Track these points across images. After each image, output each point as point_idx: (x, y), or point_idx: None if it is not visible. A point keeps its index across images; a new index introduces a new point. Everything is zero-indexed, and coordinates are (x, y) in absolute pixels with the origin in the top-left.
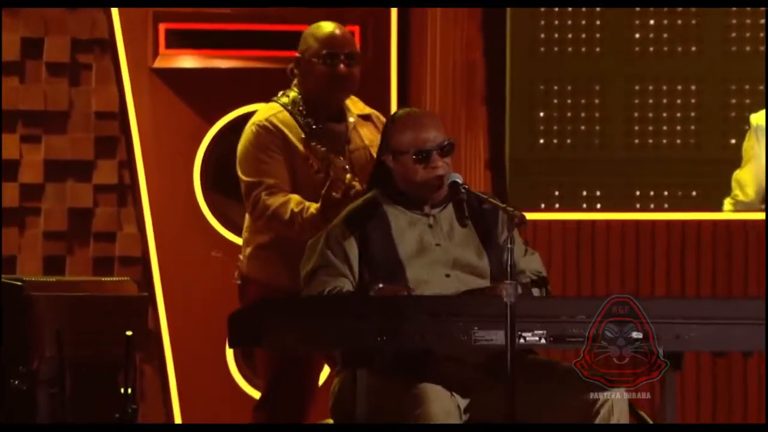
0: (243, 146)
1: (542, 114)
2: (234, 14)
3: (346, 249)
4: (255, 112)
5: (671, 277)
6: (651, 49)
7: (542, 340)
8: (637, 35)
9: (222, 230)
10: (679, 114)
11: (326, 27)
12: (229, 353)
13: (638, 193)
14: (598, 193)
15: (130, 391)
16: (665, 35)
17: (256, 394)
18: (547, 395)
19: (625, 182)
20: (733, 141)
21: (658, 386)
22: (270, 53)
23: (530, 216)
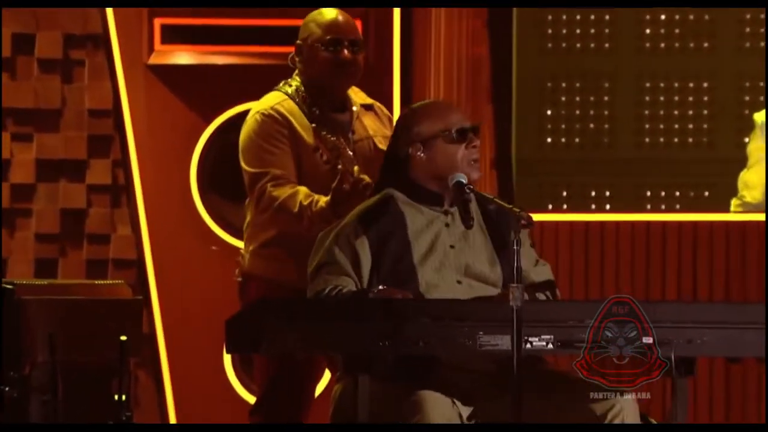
0: (246, 135)
1: (550, 112)
2: (232, 8)
3: (357, 248)
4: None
5: (683, 280)
6: (662, 45)
7: (549, 345)
8: (648, 30)
9: (219, 232)
10: (691, 112)
11: (329, 13)
12: (227, 359)
13: (649, 194)
14: (608, 194)
15: (125, 398)
16: (677, 30)
17: (253, 400)
18: (556, 407)
19: (635, 182)
20: (747, 140)
21: (670, 392)
22: (269, 49)
23: (537, 217)
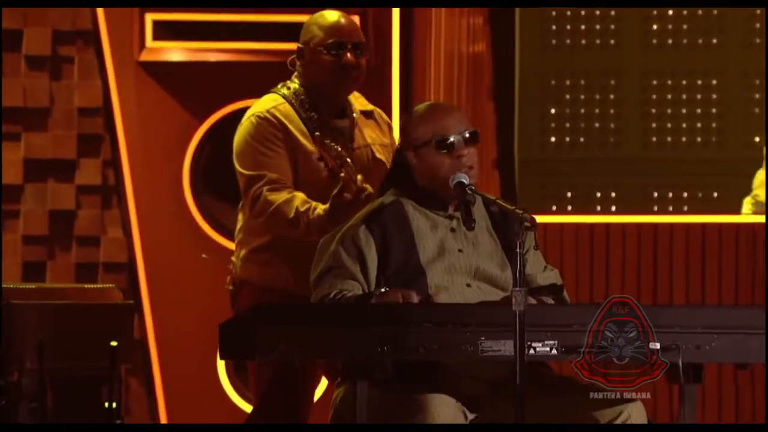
0: (242, 138)
1: (553, 110)
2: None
3: (364, 251)
4: (250, 107)
5: (691, 284)
6: (669, 42)
7: (553, 351)
8: (655, 26)
9: (213, 234)
10: (699, 110)
11: (331, 16)
12: (221, 365)
13: (656, 195)
14: (613, 195)
15: (115, 405)
16: (684, 26)
17: (248, 408)
18: (562, 414)
19: (642, 183)
20: (757, 139)
21: (677, 396)
22: (265, 46)
23: (541, 219)
